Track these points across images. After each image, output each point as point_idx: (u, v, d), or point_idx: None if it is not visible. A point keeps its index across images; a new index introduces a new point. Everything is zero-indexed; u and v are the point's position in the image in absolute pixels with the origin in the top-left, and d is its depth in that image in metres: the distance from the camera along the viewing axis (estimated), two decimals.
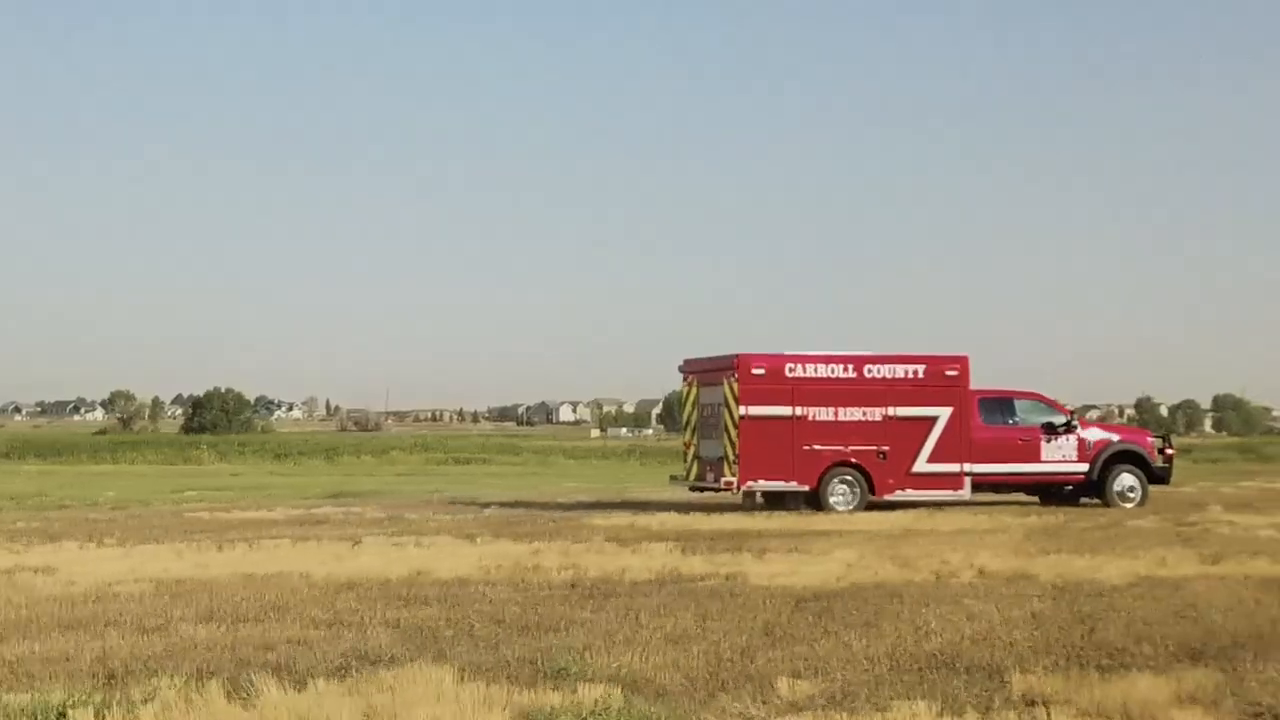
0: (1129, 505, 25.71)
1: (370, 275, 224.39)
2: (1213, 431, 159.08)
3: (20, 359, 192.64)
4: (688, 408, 26.69)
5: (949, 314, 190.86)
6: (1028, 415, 26.33)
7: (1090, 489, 26.26)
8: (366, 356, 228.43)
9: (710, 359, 26.27)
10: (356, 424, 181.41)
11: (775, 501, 25.38)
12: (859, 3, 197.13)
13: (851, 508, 24.85)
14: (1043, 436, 26.10)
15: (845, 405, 25.21)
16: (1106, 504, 25.85)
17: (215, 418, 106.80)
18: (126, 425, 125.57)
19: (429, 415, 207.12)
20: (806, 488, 25.11)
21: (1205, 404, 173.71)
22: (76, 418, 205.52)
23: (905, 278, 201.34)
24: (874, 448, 25.23)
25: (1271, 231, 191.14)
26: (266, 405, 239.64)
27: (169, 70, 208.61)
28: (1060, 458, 26.11)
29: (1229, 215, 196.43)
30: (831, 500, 24.97)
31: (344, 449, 70.61)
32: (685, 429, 26.98)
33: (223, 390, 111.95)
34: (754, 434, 24.93)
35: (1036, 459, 26.06)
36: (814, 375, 25.29)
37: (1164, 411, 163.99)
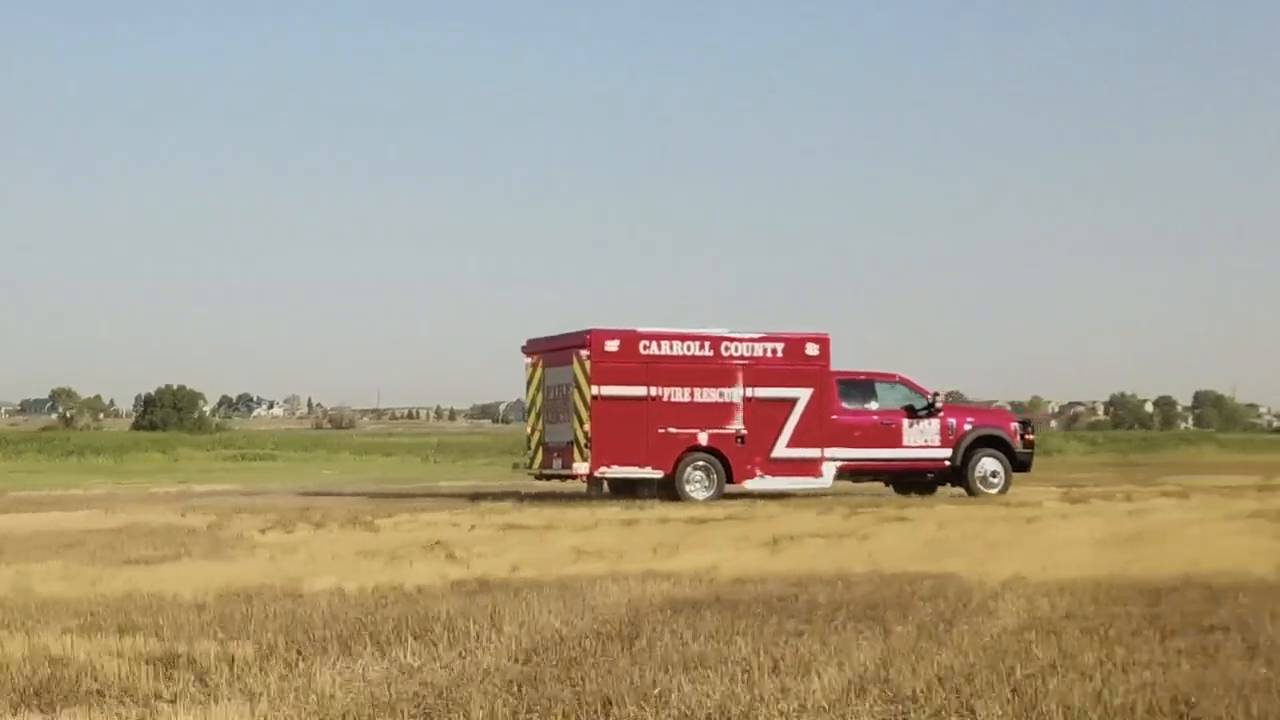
0: (990, 492, 24.97)
1: (365, 275, 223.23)
2: (1195, 428, 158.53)
3: (11, 356, 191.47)
4: (532, 390, 25.52)
5: (948, 313, 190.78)
6: (889, 398, 25.48)
7: (953, 476, 25.47)
8: (365, 356, 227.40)
9: (558, 336, 25.02)
10: (331, 421, 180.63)
11: (624, 490, 24.12)
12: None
13: (708, 496, 23.85)
14: (905, 420, 25.28)
15: (702, 385, 24.21)
16: (969, 492, 25.07)
17: (166, 415, 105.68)
18: (69, 423, 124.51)
19: (405, 413, 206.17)
20: (661, 474, 24.02)
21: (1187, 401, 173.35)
22: (54, 415, 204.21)
23: (936, 298, 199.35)
24: (732, 431, 24.33)
25: (1259, 228, 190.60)
26: (247, 403, 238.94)
27: (153, 67, 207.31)
28: (923, 443, 25.25)
29: (1218, 212, 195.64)
30: (688, 488, 23.91)
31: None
32: (529, 413, 25.83)
33: (174, 387, 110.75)
34: (607, 416, 23.77)
35: (899, 444, 25.19)
36: (669, 353, 24.16)
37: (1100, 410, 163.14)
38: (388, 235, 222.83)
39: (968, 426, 25.56)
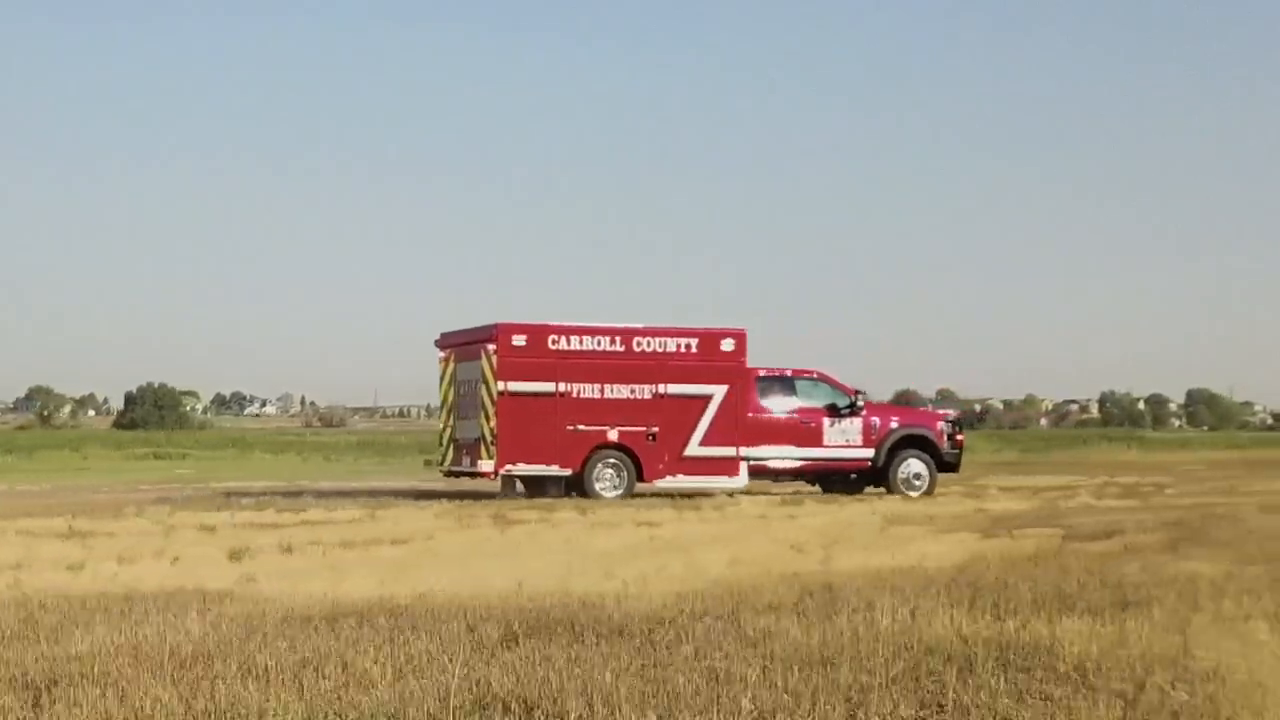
0: (914, 494, 24.17)
1: (365, 274, 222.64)
2: (1187, 426, 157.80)
3: (11, 355, 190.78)
4: (444, 386, 24.83)
5: (948, 313, 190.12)
6: (810, 396, 24.69)
7: (876, 476, 24.70)
8: (364, 355, 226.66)
9: (468, 330, 24.37)
10: (321, 420, 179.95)
11: (537, 488, 23.60)
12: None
13: (618, 494, 23.25)
14: (826, 419, 24.51)
15: (612, 381, 23.54)
16: (890, 492, 24.29)
17: (147, 413, 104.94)
18: (46, 421, 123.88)
19: (396, 412, 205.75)
20: (569, 471, 23.41)
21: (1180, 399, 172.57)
22: (45, 413, 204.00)
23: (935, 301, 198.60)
24: (643, 428, 23.63)
25: (1259, 228, 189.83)
26: (240, 401, 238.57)
27: (153, 67, 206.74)
28: (844, 442, 24.48)
29: (1218, 212, 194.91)
30: (597, 486, 23.27)
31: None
32: (441, 409, 25.16)
33: (156, 385, 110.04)
34: (513, 412, 23.15)
35: (819, 443, 24.43)
36: (579, 348, 23.50)
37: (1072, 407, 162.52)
38: (387, 235, 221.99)
39: (892, 426, 24.77)
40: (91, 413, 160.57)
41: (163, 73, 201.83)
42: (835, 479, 24.79)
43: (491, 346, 23.26)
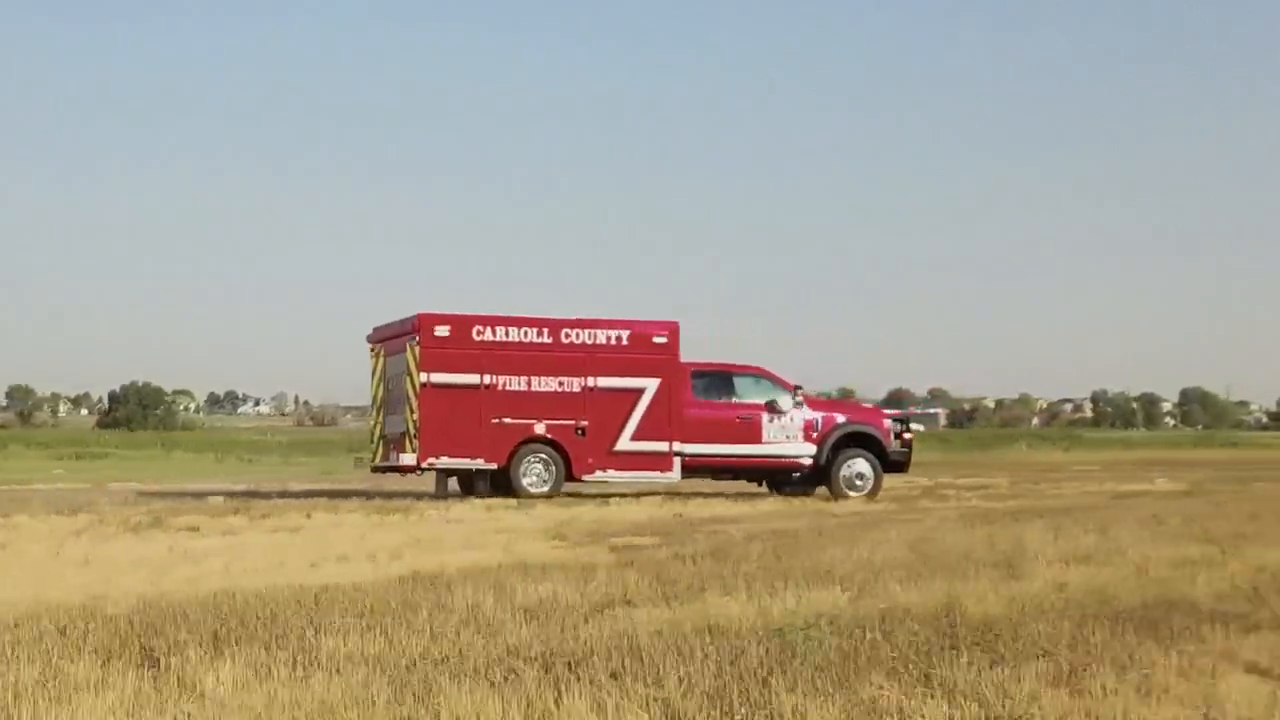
0: (856, 495, 23.21)
1: (363, 273, 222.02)
2: (1183, 426, 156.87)
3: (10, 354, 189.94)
4: (374, 381, 24.22)
5: (948, 313, 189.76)
6: (749, 392, 23.76)
7: (819, 476, 23.75)
8: (362, 354, 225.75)
9: (395, 323, 23.60)
10: (313, 419, 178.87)
11: (469, 486, 22.90)
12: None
13: (546, 490, 22.43)
14: (765, 416, 23.55)
15: (540, 374, 22.69)
16: (832, 492, 23.34)
17: (131, 412, 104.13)
18: (26, 420, 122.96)
19: None
20: (494, 466, 22.55)
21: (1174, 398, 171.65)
22: (24, 412, 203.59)
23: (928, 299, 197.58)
24: (572, 422, 22.76)
25: (1259, 228, 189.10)
26: (233, 400, 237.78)
27: (153, 67, 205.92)
28: (784, 439, 23.53)
29: (1219, 212, 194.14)
30: (524, 481, 22.47)
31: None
32: (372, 405, 24.46)
33: (140, 384, 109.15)
34: (437, 405, 22.31)
35: (757, 440, 23.47)
36: (505, 339, 22.69)
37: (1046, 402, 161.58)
38: (387, 235, 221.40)
39: (836, 423, 23.83)
40: (85, 411, 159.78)
41: (162, 73, 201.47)
42: (782, 479, 23.93)
43: (415, 338, 22.49)
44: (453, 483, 23.42)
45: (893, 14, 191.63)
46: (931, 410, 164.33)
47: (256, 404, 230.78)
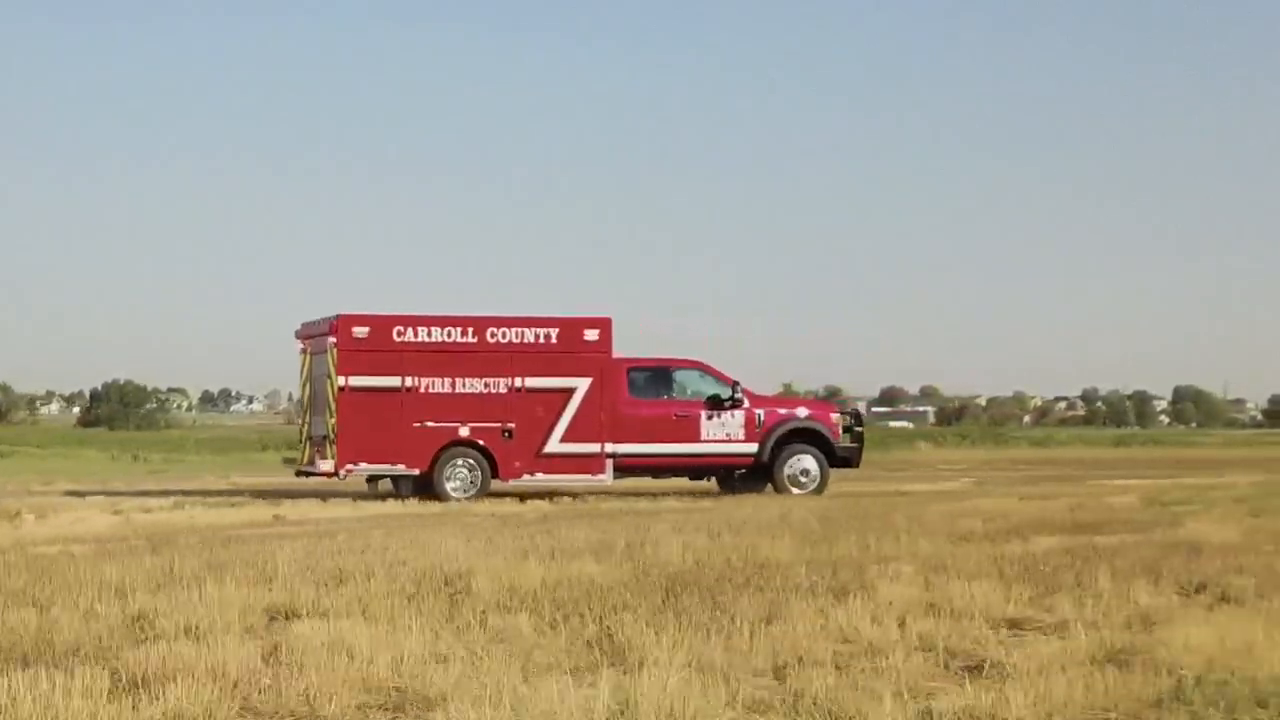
0: (799, 491, 22.18)
1: (364, 273, 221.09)
2: (1179, 424, 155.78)
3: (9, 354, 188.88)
4: (301, 380, 23.34)
5: (948, 313, 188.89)
6: (687, 387, 22.77)
7: (761, 472, 22.72)
8: None
9: (317, 322, 22.61)
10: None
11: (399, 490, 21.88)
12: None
13: (471, 494, 21.43)
14: (703, 412, 22.50)
15: (464, 375, 21.71)
16: (776, 489, 22.33)
17: (112, 410, 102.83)
18: (3, 418, 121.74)
19: None
20: (417, 471, 21.63)
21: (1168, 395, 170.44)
22: (15, 410, 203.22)
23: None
24: (498, 424, 21.75)
25: (1259, 228, 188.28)
26: (226, 397, 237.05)
27: (154, 67, 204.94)
28: (724, 436, 22.49)
29: (1219, 212, 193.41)
30: (448, 486, 21.51)
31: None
32: (300, 406, 23.62)
33: (120, 381, 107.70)
34: (356, 409, 21.41)
35: (695, 438, 22.43)
36: (427, 340, 21.74)
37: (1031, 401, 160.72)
38: (386, 234, 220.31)
39: (780, 418, 22.78)
40: (78, 409, 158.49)
41: (163, 73, 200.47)
42: (729, 476, 22.99)
43: (332, 339, 21.59)
44: (400, 485, 22.26)
45: (893, 14, 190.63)
46: (921, 409, 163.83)
47: (250, 401, 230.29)
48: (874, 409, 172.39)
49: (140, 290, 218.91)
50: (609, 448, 21.99)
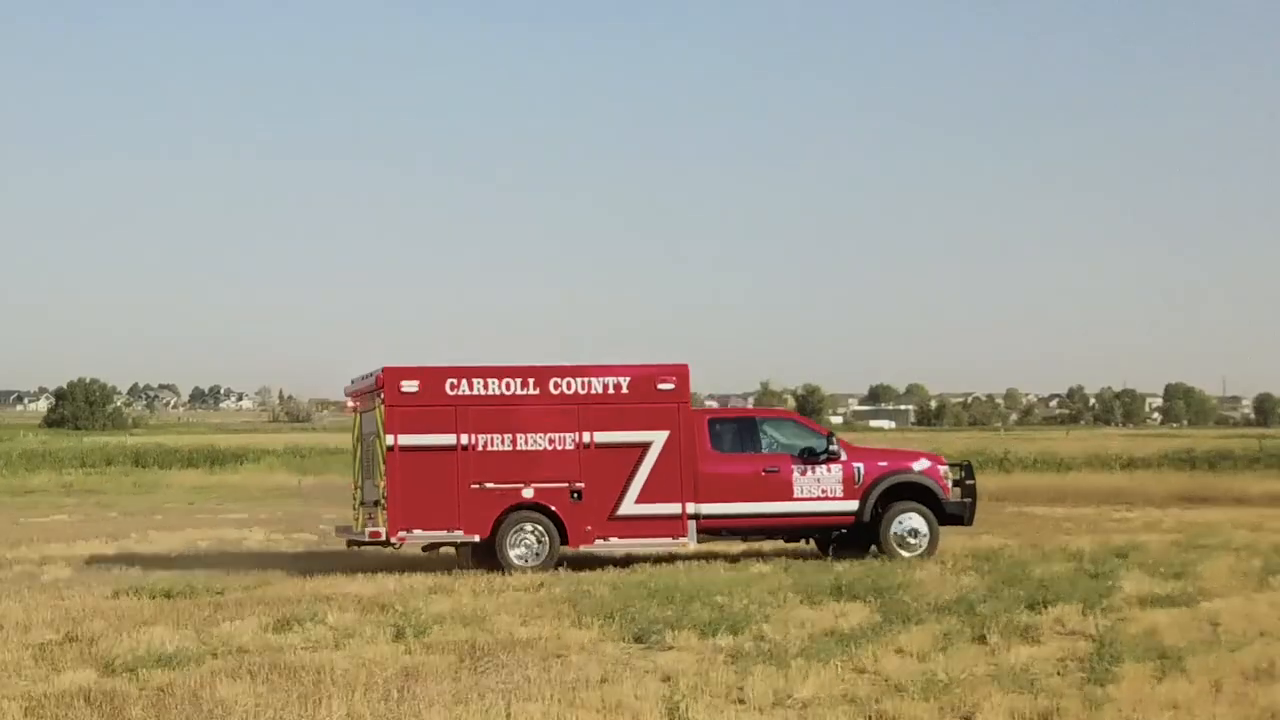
0: (909, 554, 19.84)
1: (362, 273, 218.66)
2: (1166, 423, 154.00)
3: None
4: (353, 440, 21.26)
5: (948, 312, 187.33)
6: (777, 440, 20.40)
7: (863, 532, 20.32)
8: (360, 353, 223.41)
9: (364, 377, 20.39)
10: (289, 415, 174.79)
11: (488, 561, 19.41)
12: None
13: (539, 563, 19.02)
14: (795, 467, 20.13)
15: (526, 430, 19.34)
16: (883, 551, 19.98)
17: (78, 409, 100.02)
18: None
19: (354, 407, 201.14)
20: (477, 538, 19.26)
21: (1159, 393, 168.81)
22: (19, 408, 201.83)
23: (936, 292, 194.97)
24: (565, 484, 19.34)
25: (1259, 228, 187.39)
26: (216, 395, 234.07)
27: (153, 66, 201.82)
28: (820, 493, 20.12)
29: (1219, 212, 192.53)
30: (512, 554, 19.14)
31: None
32: (352, 466, 21.36)
33: (87, 380, 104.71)
34: (408, 470, 19.05)
35: (788, 496, 20.06)
36: (484, 393, 19.38)
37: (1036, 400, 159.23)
38: (385, 233, 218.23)
39: (882, 472, 20.41)
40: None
41: (163, 72, 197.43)
42: (826, 538, 20.85)
43: (381, 395, 19.29)
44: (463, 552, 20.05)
45: (893, 14, 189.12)
46: (903, 407, 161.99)
47: (239, 399, 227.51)
48: (859, 407, 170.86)
49: (140, 290, 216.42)
50: (691, 508, 19.61)
